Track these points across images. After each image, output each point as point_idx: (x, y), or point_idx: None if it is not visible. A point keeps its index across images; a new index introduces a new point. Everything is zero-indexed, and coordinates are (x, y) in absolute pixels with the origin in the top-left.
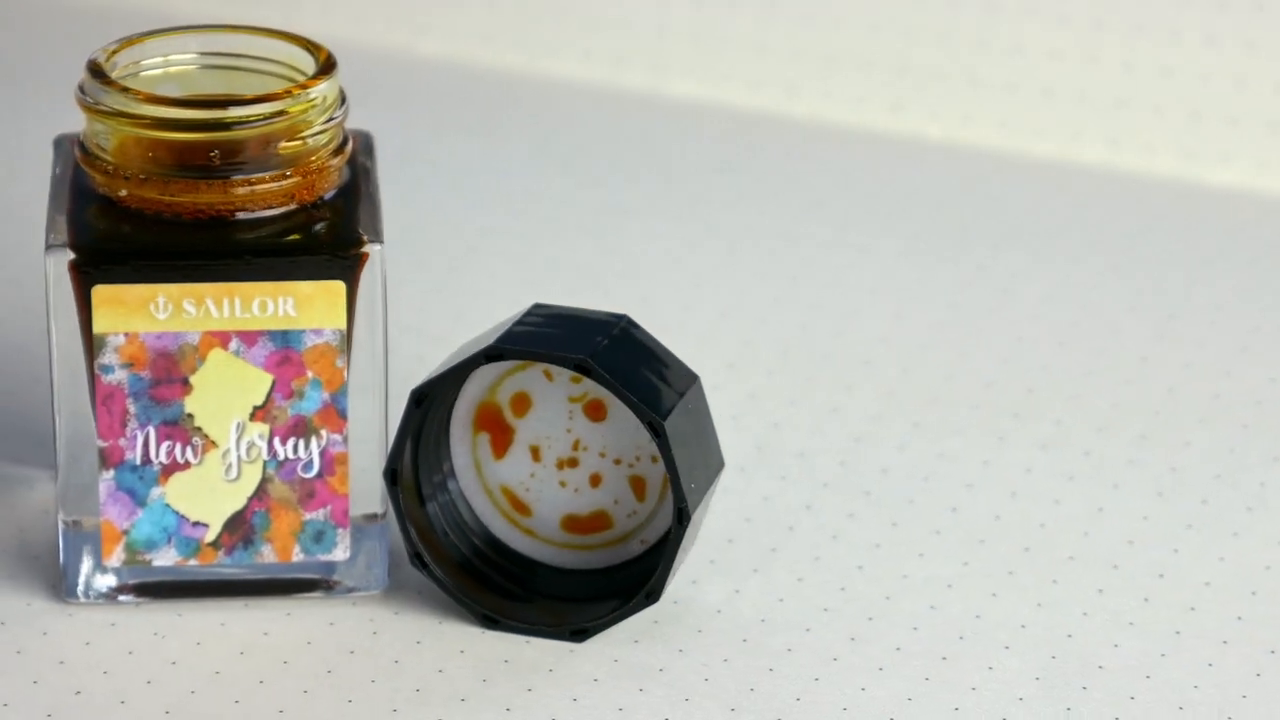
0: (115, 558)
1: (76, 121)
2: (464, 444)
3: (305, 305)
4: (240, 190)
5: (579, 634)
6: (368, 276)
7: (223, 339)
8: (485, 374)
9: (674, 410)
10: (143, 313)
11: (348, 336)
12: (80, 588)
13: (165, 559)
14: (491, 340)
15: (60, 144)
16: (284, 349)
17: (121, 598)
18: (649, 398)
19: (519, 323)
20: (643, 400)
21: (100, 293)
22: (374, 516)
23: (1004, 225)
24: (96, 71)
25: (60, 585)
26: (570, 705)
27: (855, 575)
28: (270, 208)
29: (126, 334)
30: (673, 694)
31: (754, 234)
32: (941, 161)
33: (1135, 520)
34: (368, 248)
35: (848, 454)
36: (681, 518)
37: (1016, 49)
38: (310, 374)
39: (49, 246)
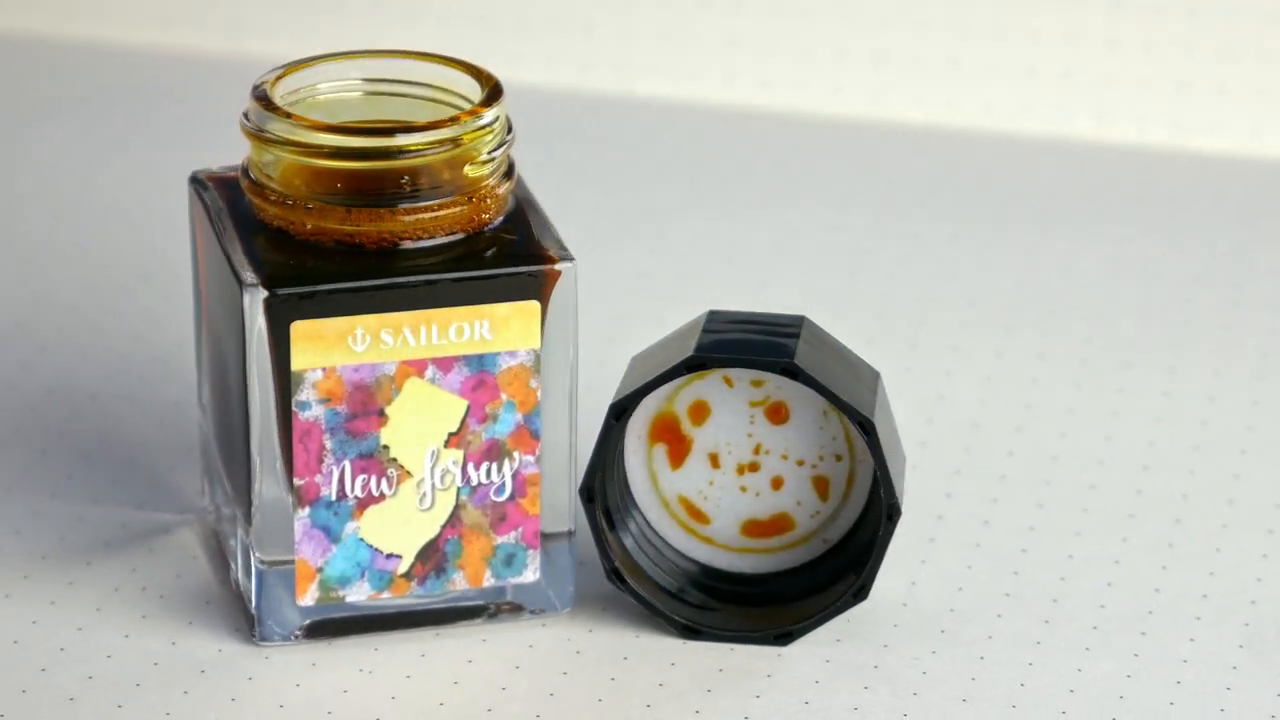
0: (309, 596)
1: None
2: (638, 456)
3: (500, 327)
4: (425, 216)
5: (783, 638)
6: (559, 294)
7: (419, 367)
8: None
9: (876, 407)
10: (341, 346)
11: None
12: (274, 630)
13: (359, 594)
14: (690, 349)
15: (197, 180)
16: (479, 373)
17: (310, 637)
18: (855, 397)
19: (706, 330)
20: (851, 400)
21: (299, 328)
22: (565, 535)
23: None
24: (263, 98)
25: (246, 628)
26: (804, 709)
27: (1022, 559)
28: (442, 235)
29: (324, 369)
30: (899, 689)
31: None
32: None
33: None
34: (560, 265)
35: (969, 439)
36: (892, 514)
37: (997, 31)
38: (504, 396)
39: (245, 285)
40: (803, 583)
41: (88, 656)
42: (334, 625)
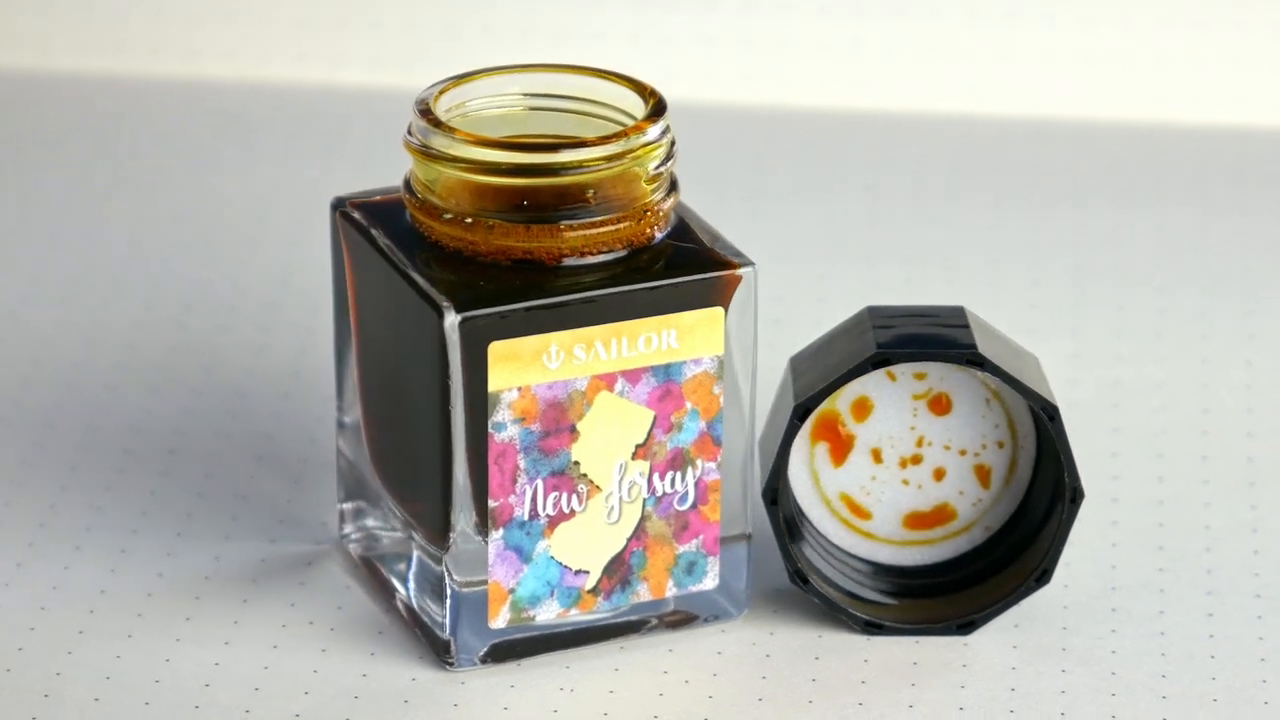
0: (501, 618)
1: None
2: (800, 455)
3: (686, 336)
4: (601, 231)
5: (966, 627)
6: (737, 299)
7: (609, 381)
8: None
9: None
10: (536, 365)
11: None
12: (466, 654)
13: (548, 613)
14: (869, 347)
15: (342, 206)
16: (665, 383)
17: (494, 660)
18: (1036, 383)
19: (878, 327)
20: (1033, 386)
21: (497, 349)
22: (741, 538)
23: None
24: (427, 113)
25: (429, 654)
26: (1012, 695)
27: (1161, 532)
28: (618, 249)
29: (520, 388)
30: (1099, 670)
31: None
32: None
33: None
34: (741, 270)
35: (1083, 415)
36: (1075, 497)
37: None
38: (689, 405)
39: (442, 310)
40: (972, 571)
41: (284, 694)
42: (512, 647)
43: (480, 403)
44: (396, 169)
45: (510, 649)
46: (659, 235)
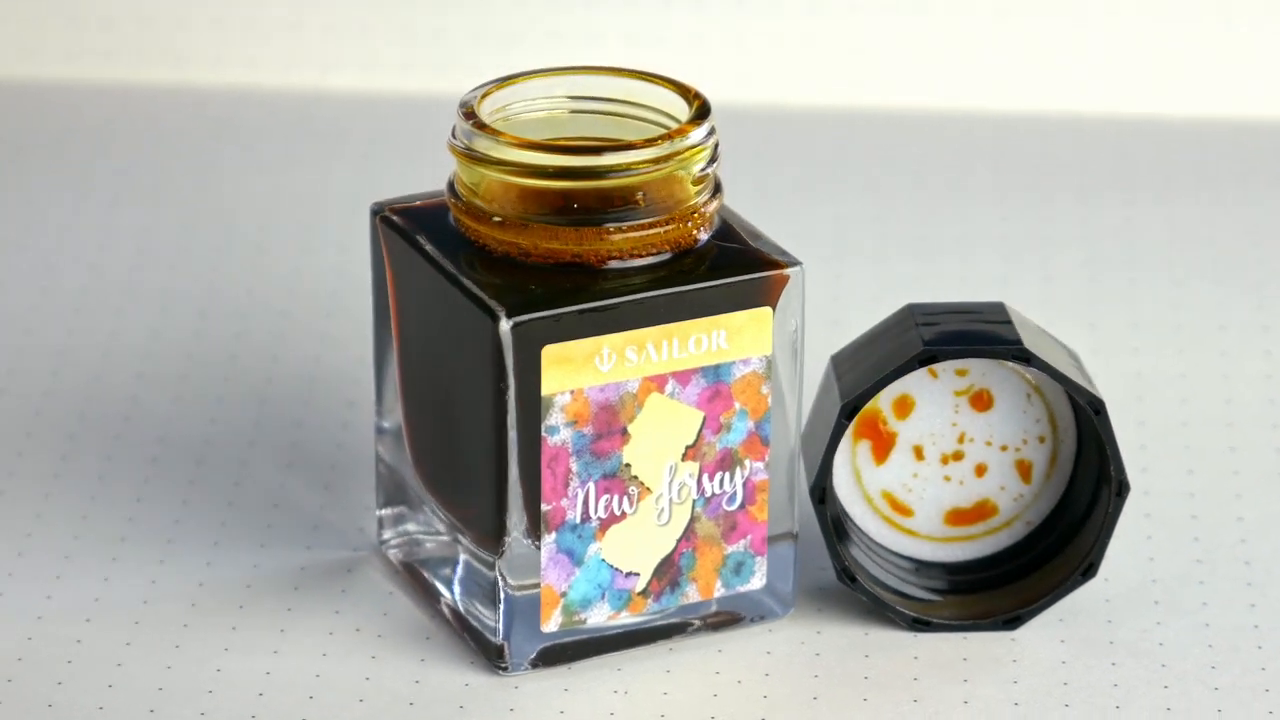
0: (553, 622)
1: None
2: (842, 454)
3: (736, 336)
4: (649, 233)
5: (1012, 622)
6: (784, 298)
7: (659, 382)
8: None
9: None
10: (588, 367)
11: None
12: (518, 658)
13: (599, 616)
14: (916, 344)
15: (381, 212)
16: (715, 384)
17: (544, 664)
18: (1082, 378)
19: (921, 324)
20: (1078, 381)
21: (550, 353)
22: (787, 536)
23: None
24: (471, 116)
25: (479, 658)
26: (1065, 689)
27: (1195, 524)
28: (667, 251)
29: (572, 391)
30: (1148, 662)
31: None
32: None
33: None
34: (789, 270)
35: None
36: (1122, 490)
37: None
38: (737, 405)
39: (496, 315)
40: (1015, 566)
41: (340, 703)
42: (562, 650)
43: (533, 407)
44: (400, 174)
45: (560, 652)
46: (703, 237)
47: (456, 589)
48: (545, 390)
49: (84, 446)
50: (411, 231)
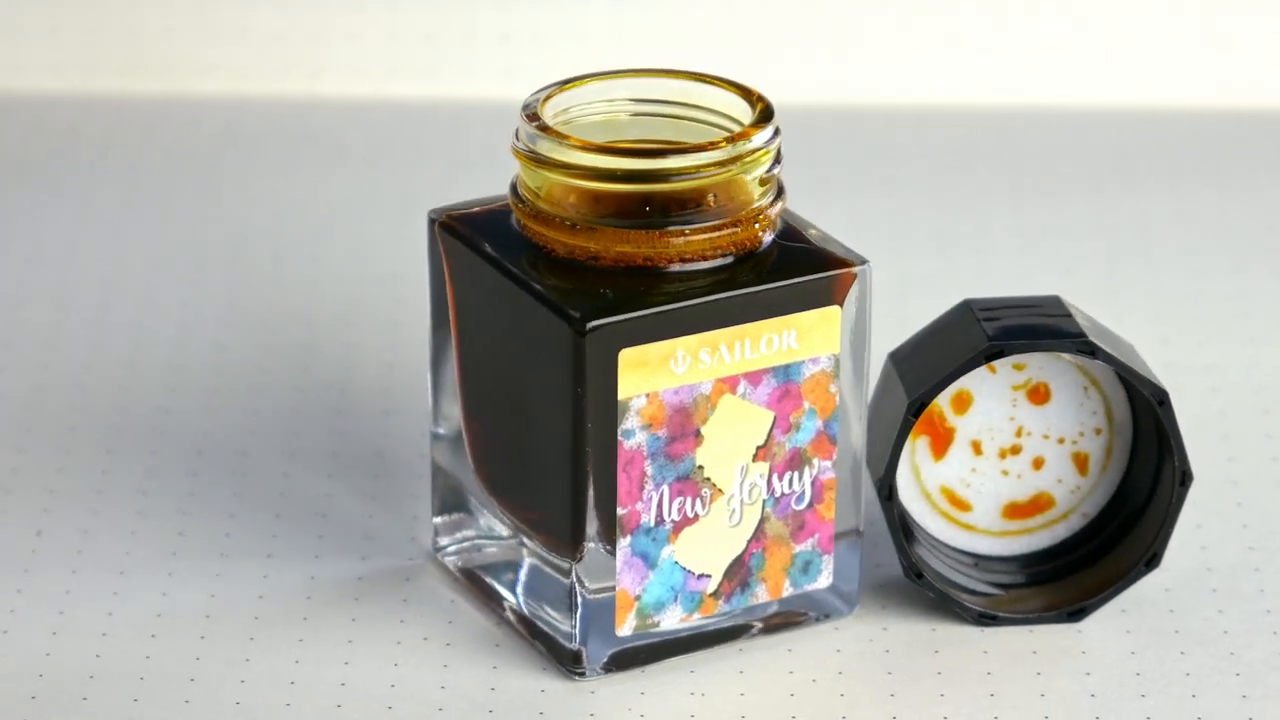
0: (628, 626)
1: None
2: (902, 450)
3: (805, 335)
4: (717, 235)
5: (1076, 614)
6: (851, 297)
7: (732, 384)
8: None
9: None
10: (664, 370)
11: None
12: (593, 662)
13: (671, 619)
14: (980, 339)
15: (439, 219)
16: (785, 383)
17: (616, 668)
18: (1145, 369)
19: (983, 320)
20: (1144, 372)
21: (627, 356)
22: (853, 533)
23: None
24: (535, 118)
25: (551, 665)
26: (1138, 680)
27: (1242, 512)
28: (732, 253)
29: (648, 394)
30: (1216, 651)
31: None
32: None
33: None
34: (857, 268)
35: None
36: (1185, 480)
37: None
38: (806, 404)
39: (572, 319)
40: (1075, 558)
41: (419, 713)
42: (635, 654)
43: (610, 410)
44: (407, 179)
45: (631, 656)
46: (768, 239)
47: (520, 593)
48: (622, 394)
49: (123, 462)
50: (474, 238)
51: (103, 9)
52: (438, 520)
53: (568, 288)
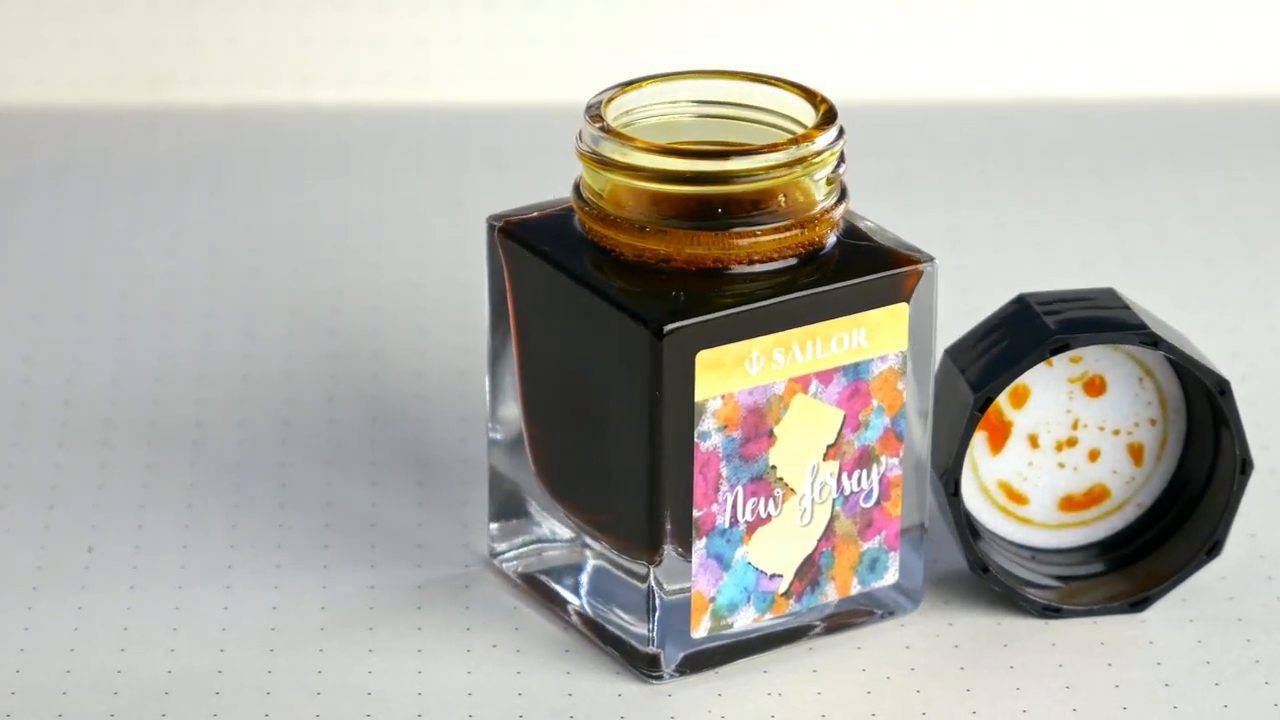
0: (703, 628)
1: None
2: (969, 444)
3: (874, 333)
4: (783, 236)
5: (1139, 604)
6: (917, 294)
7: (803, 383)
8: None
9: None
10: (739, 371)
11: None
12: (668, 665)
13: (744, 620)
14: (1044, 333)
15: (498, 224)
16: (854, 381)
17: (689, 670)
18: (1203, 358)
19: (1043, 314)
20: (1204, 361)
21: (704, 358)
22: (918, 529)
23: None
24: (598, 120)
25: (624, 668)
26: (1208, 669)
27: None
28: (796, 255)
29: (723, 396)
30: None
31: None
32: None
33: None
34: (923, 266)
35: None
36: (1245, 468)
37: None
38: (875, 402)
39: (648, 323)
40: (1133, 548)
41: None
42: (709, 656)
43: (686, 413)
44: (414, 185)
45: (704, 658)
46: (831, 239)
47: (584, 596)
48: (699, 396)
49: (166, 477)
50: (536, 243)
51: (87, 20)
52: (494, 526)
53: (639, 290)
